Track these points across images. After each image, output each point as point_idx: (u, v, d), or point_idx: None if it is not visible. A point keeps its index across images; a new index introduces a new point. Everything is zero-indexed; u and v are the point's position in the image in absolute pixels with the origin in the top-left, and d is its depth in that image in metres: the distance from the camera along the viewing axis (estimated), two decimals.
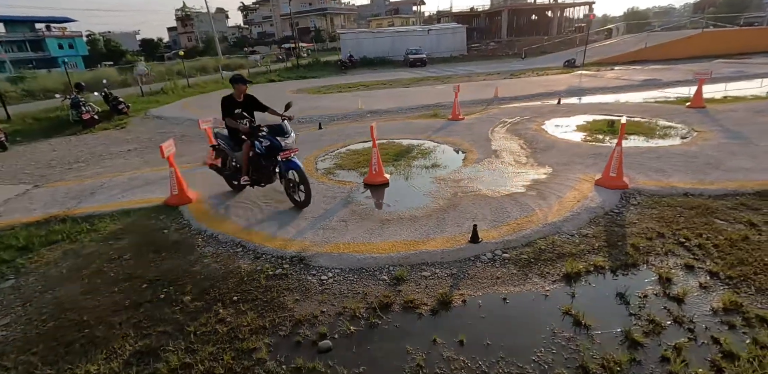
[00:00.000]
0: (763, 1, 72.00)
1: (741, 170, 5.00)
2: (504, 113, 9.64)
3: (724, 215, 4.01)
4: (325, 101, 13.33)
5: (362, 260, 3.50)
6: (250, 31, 76.18)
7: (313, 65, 30.21)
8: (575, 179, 5.02)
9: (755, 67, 15.96)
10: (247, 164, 4.69)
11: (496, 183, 5.06)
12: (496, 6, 41.89)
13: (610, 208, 4.25)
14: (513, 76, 18.61)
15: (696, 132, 6.94)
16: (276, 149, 4.41)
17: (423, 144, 7.17)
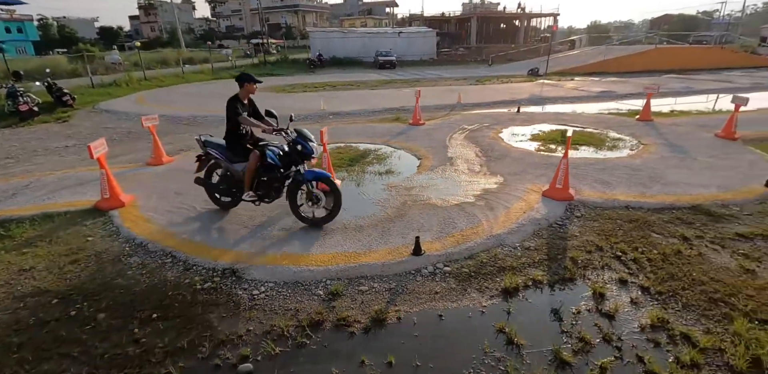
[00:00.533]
0: (711, 22, 77.20)
1: (679, 184, 5.21)
2: (465, 119, 9.71)
3: (660, 228, 4.13)
4: (287, 101, 13.00)
5: (298, 273, 3.33)
6: (218, 25, 73.86)
7: (281, 63, 29.55)
8: (524, 189, 5.06)
9: (701, 83, 16.96)
10: (253, 177, 4.03)
11: (447, 192, 5.02)
12: (466, 12, 42.65)
13: (555, 220, 4.30)
14: (478, 82, 18.91)
15: (642, 145, 7.22)
16: (307, 155, 3.91)
17: (380, 149, 7.07)
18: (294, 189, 4.02)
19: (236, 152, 4.18)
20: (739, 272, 3.36)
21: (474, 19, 38.48)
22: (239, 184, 4.16)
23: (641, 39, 35.42)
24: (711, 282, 3.22)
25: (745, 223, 4.26)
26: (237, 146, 4.16)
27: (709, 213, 4.43)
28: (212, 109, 11.36)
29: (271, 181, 4.04)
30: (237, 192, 4.26)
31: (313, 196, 3.99)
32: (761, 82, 16.64)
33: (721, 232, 4.06)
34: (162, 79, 18.43)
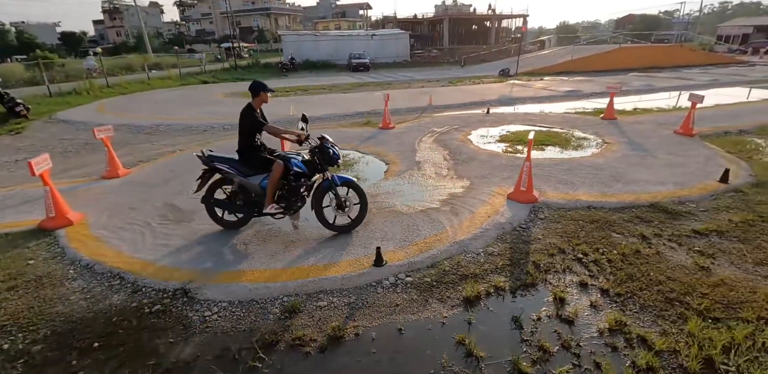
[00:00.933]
0: (672, 21, 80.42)
1: (639, 182, 5.31)
2: (435, 121, 9.72)
3: (620, 228, 4.18)
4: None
5: (254, 290, 3.20)
6: (188, 28, 72.23)
7: (252, 67, 29.12)
8: (490, 192, 5.05)
9: (662, 80, 17.57)
10: (275, 188, 3.86)
11: (413, 198, 4.96)
12: (438, 14, 43.09)
13: (519, 223, 4.29)
14: (451, 83, 19.06)
15: (606, 144, 7.36)
16: (334, 160, 3.88)
17: (348, 155, 6.97)
18: (320, 196, 3.97)
19: (252, 165, 3.96)
20: (694, 270, 3.41)
21: (446, 21, 38.89)
22: (259, 198, 3.94)
23: (607, 39, 36.51)
24: (667, 281, 3.25)
25: (701, 219, 4.36)
26: (253, 158, 3.96)
27: (666, 211, 4.52)
28: (176, 117, 11.04)
29: (297, 190, 3.87)
30: (255, 207, 4.00)
31: (343, 201, 3.99)
32: (718, 79, 17.36)
33: (679, 229, 4.14)
34: (126, 86, 17.82)
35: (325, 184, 3.93)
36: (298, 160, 3.90)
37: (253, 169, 3.97)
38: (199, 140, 8.64)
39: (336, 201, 3.98)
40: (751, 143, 7.38)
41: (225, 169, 3.94)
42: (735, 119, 9.19)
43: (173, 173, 6.20)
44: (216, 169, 3.98)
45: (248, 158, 3.97)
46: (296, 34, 33.84)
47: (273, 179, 3.80)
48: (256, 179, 3.96)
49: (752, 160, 6.37)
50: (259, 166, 3.95)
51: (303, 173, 3.88)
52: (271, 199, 3.85)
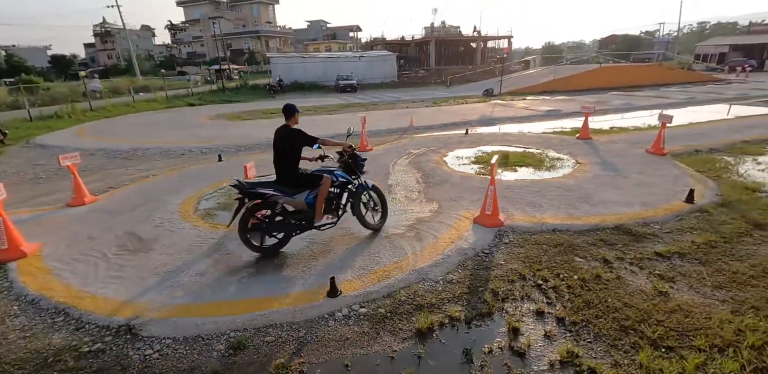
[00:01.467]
0: (652, 41, 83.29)
1: (607, 204, 5.33)
2: (414, 143, 9.80)
3: (583, 252, 4.16)
4: (240, 129, 12.79)
5: (202, 325, 3.10)
6: (179, 51, 73.24)
7: (240, 89, 29.41)
8: (457, 216, 5.03)
9: (641, 99, 18.02)
10: (324, 201, 4.17)
11: (390, 222, 4.92)
12: (426, 36, 44.22)
13: (482, 248, 4.26)
14: (435, 104, 19.35)
15: (578, 164, 7.44)
16: (362, 166, 4.43)
17: None
18: (358, 200, 4.42)
19: (294, 184, 4.14)
20: (652, 295, 3.38)
21: (432, 43, 39.90)
22: (306, 214, 4.16)
23: (588, 59, 37.60)
24: (624, 307, 3.21)
25: (664, 241, 4.36)
26: (296, 177, 4.15)
27: (630, 233, 4.52)
28: (157, 140, 11.01)
29: (337, 199, 4.31)
30: (306, 223, 4.19)
31: (374, 202, 4.59)
32: (694, 97, 17.84)
33: (641, 252, 4.13)
34: (110, 109, 17.87)
35: (360, 189, 4.42)
36: (339, 171, 4.33)
37: (294, 187, 4.12)
38: (175, 164, 8.59)
39: (371, 203, 4.57)
40: (720, 161, 7.51)
41: (270, 192, 3.97)
42: (706, 138, 9.38)
43: (143, 199, 6.12)
44: (259, 194, 3.96)
45: (293, 177, 4.12)
46: (284, 56, 34.44)
47: (323, 193, 4.12)
48: (300, 196, 4.12)
49: (720, 178, 6.46)
50: (301, 184, 4.15)
51: (346, 182, 4.32)
52: (320, 212, 4.17)
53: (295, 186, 4.11)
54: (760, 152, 8.14)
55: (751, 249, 4.16)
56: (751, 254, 4.07)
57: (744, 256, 4.02)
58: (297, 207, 4.12)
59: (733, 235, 4.46)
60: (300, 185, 4.13)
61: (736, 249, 4.16)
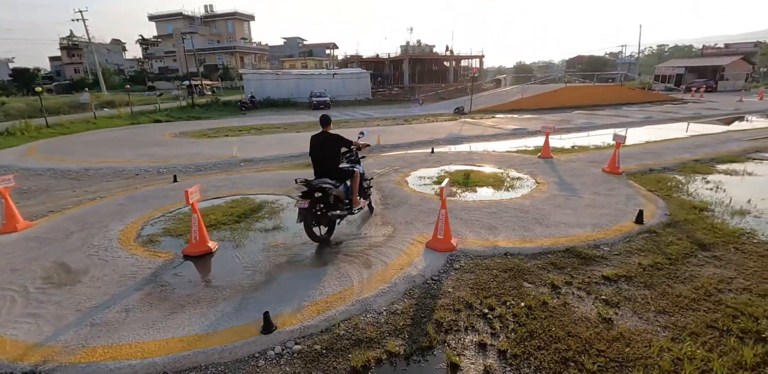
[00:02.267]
0: (616, 62, 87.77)
1: (560, 225, 5.35)
2: (378, 162, 9.74)
3: (533, 276, 4.11)
4: (202, 147, 12.46)
5: (116, 370, 2.83)
6: (150, 66, 72.16)
7: (211, 105, 28.95)
8: (410, 240, 4.93)
9: (603, 118, 18.72)
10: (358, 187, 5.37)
11: (329, 250, 4.76)
12: (401, 54, 45.20)
13: (432, 275, 4.15)
14: (406, 122, 19.53)
15: (537, 184, 7.53)
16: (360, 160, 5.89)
17: (278, 200, 6.76)
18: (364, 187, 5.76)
19: (337, 177, 5.15)
20: (596, 322, 3.33)
21: (406, 61, 40.73)
22: (347, 202, 5.25)
23: (555, 78, 39.12)
24: (567, 337, 3.14)
25: (612, 264, 4.37)
26: (338, 171, 5.23)
27: (580, 256, 4.52)
28: (110, 159, 10.57)
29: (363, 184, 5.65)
30: (346, 209, 5.20)
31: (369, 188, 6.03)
32: (652, 116, 18.69)
33: (590, 276, 4.12)
34: (68, 125, 17.19)
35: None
36: (358, 166, 5.61)
37: (336, 180, 5.08)
38: (127, 185, 8.22)
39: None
40: (672, 180, 7.75)
41: (330, 185, 4.88)
42: (660, 157, 9.72)
43: (81, 225, 5.76)
44: (321, 188, 4.82)
45: (335, 171, 5.18)
46: (257, 72, 34.33)
47: (356, 183, 5.28)
48: (341, 187, 5.10)
49: (670, 198, 6.64)
50: (341, 177, 5.21)
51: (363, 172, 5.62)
52: (356, 196, 5.29)
53: (336, 179, 5.08)
54: (708, 171, 8.47)
55: (694, 271, 4.21)
56: (694, 275, 4.12)
57: (687, 278, 4.06)
58: (340, 196, 5.07)
59: (679, 256, 4.52)
60: (340, 178, 5.16)
61: (680, 271, 4.20)
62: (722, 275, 4.10)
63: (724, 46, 64.14)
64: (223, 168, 9.71)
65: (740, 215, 5.83)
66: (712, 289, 3.84)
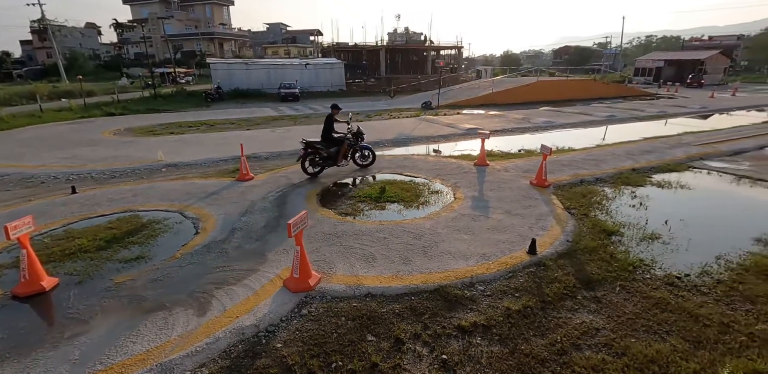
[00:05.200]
0: (603, 52, 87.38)
1: (444, 256, 4.94)
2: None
3: (382, 326, 3.71)
4: (134, 149, 11.76)
5: None
6: (126, 51, 69.68)
7: (174, 96, 27.89)
8: (272, 276, 4.49)
9: (566, 116, 18.31)
10: (344, 153, 8.67)
11: (178, 288, 4.30)
12: (377, 45, 44.05)
13: (269, 325, 3.72)
14: (368, 117, 18.94)
15: (454, 199, 7.11)
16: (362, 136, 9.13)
17: (168, 219, 6.25)
18: (354, 153, 9.02)
19: (330, 143, 8.45)
20: None
21: (383, 51, 39.71)
22: (334, 158, 8.48)
23: (532, 71, 38.54)
24: None
25: (478, 309, 3.98)
26: (331, 139, 8.48)
27: (447, 298, 4.13)
28: (25, 163, 9.88)
29: (348, 151, 8.80)
30: (330, 162, 8.52)
31: (365, 155, 9.19)
32: (615, 115, 18.32)
33: (444, 325, 3.73)
34: (8, 119, 16.27)
35: (358, 148, 9.03)
36: (350, 139, 8.76)
37: (330, 144, 8.43)
38: (22, 196, 7.61)
39: (360, 155, 9.14)
40: (599, 193, 7.40)
41: (319, 146, 8.27)
42: (600, 165, 9.36)
43: None
44: (313, 145, 8.21)
45: (329, 140, 8.44)
46: (225, 61, 33.14)
47: (343, 149, 8.58)
48: (332, 150, 8.41)
49: (586, 218, 6.29)
50: (333, 143, 8.48)
51: (352, 144, 8.80)
52: (341, 158, 8.60)
53: (330, 144, 8.43)
54: (641, 182, 8.14)
55: (563, 318, 3.85)
56: (560, 325, 3.75)
57: (551, 328, 3.70)
58: (329, 155, 8.38)
59: (555, 298, 4.15)
60: (332, 144, 8.47)
61: (548, 319, 3.84)
62: (590, 325, 3.74)
63: (708, 38, 63.97)
64: (140, 175, 9.11)
65: (649, 241, 5.51)
66: (569, 345, 3.48)
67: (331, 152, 8.34)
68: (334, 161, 8.47)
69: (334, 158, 8.45)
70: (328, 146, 8.35)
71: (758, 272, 4.66)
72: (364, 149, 9.07)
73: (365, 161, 9.17)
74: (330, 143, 8.42)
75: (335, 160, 8.47)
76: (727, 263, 4.90)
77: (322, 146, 8.27)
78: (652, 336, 3.59)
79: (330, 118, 8.46)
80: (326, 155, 8.31)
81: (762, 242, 5.48)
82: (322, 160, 8.36)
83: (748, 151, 11.01)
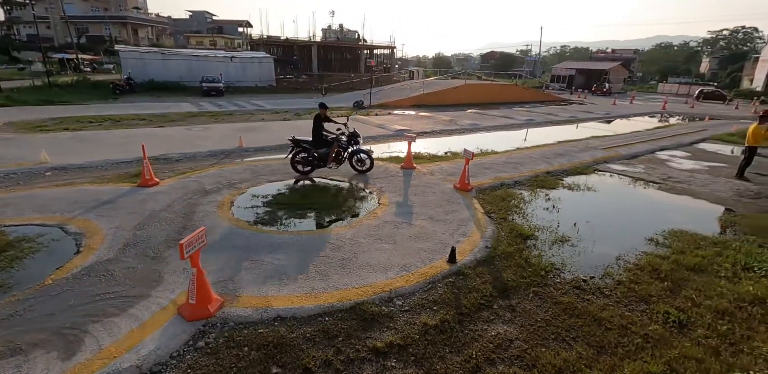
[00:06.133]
0: (525, 59, 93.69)
1: (363, 269, 4.71)
2: (221, 173, 8.49)
3: (290, 355, 3.36)
4: (12, 147, 10.07)
5: None
6: (17, 32, 60.64)
7: (76, 85, 24.70)
8: (165, 302, 3.92)
9: (491, 119, 19.16)
10: (333, 155, 8.17)
11: (46, 321, 3.57)
12: (309, 40, 42.90)
13: (155, 363, 3.20)
14: (296, 116, 18.24)
15: (378, 205, 6.93)
16: (358, 140, 8.51)
17: (42, 236, 5.29)
18: (351, 157, 8.54)
19: (319, 144, 8.11)
20: None
21: (315, 47, 38.75)
22: (324, 159, 8.11)
23: (460, 73, 40.07)
24: None
25: (395, 326, 3.80)
26: (320, 140, 8.11)
27: (364, 316, 3.89)
28: None
29: (340, 154, 8.31)
30: (321, 163, 8.18)
31: (361, 159, 8.55)
32: (533, 119, 19.57)
33: (359, 348, 3.48)
34: None
35: (355, 151, 8.50)
36: (342, 140, 8.25)
37: (319, 145, 8.10)
38: None
39: (358, 159, 8.57)
40: (517, 197, 7.67)
41: (305, 145, 8.09)
42: (517, 168, 9.78)
43: None
44: (300, 145, 8.08)
45: (318, 140, 8.08)
46: (137, 49, 30.05)
47: (333, 150, 8.08)
48: (323, 150, 8.09)
49: (505, 222, 6.44)
50: (323, 144, 8.11)
51: (344, 147, 8.31)
52: (331, 160, 8.14)
53: (319, 144, 8.08)
54: (554, 185, 8.62)
55: (480, 331, 3.80)
56: (475, 338, 3.69)
57: (467, 343, 3.62)
58: (319, 155, 8.07)
59: (473, 309, 4.11)
60: (322, 144, 8.09)
61: (465, 332, 3.76)
62: (504, 336, 3.73)
63: (611, 51, 71.48)
64: (15, 180, 7.74)
65: (560, 244, 5.75)
66: (483, 360, 3.42)
67: (321, 153, 8.02)
68: (324, 162, 8.10)
69: (324, 159, 8.07)
70: (317, 146, 8.03)
71: (651, 272, 5.04)
72: (360, 153, 8.42)
73: (363, 167, 8.53)
74: (319, 143, 8.04)
75: (324, 161, 8.09)
76: (626, 263, 5.26)
77: (310, 145, 8.01)
78: (561, 344, 3.66)
79: (318, 117, 8.04)
80: (316, 155, 8.05)
81: (653, 241, 6.00)
82: (314, 160, 8.11)
83: (642, 155, 12.26)
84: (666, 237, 6.15)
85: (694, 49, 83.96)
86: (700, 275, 5.04)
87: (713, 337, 3.83)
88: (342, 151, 8.28)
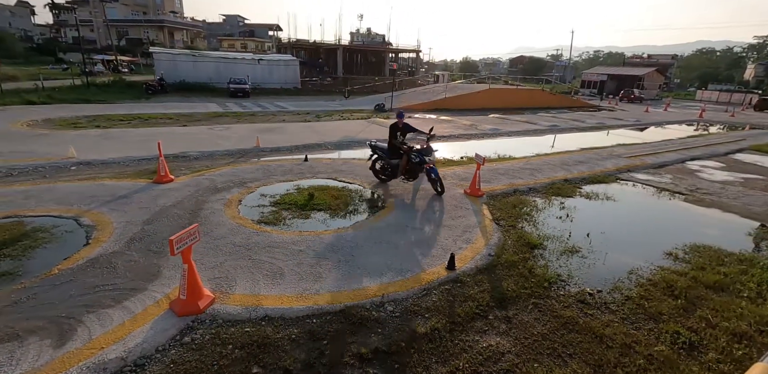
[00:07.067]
0: (556, 64, 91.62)
1: (358, 272, 4.65)
2: (234, 172, 8.64)
3: (273, 355, 3.34)
4: (44, 143, 10.58)
5: None
6: (64, 34, 64.22)
7: (111, 86, 25.87)
8: (159, 296, 3.98)
9: (513, 124, 18.78)
10: (404, 167, 7.64)
11: (46, 309, 3.69)
12: (335, 43, 43.47)
13: (140, 356, 3.23)
14: (318, 118, 18.43)
15: (384, 207, 6.86)
16: (429, 155, 7.40)
17: (57, 228, 5.51)
18: (429, 174, 7.42)
19: (393, 154, 7.76)
20: None
21: (340, 51, 39.20)
22: (396, 170, 7.77)
23: (486, 78, 39.57)
24: None
25: (384, 332, 3.72)
26: (394, 150, 7.74)
27: (352, 319, 3.83)
28: None
29: (414, 169, 7.61)
30: (393, 174, 7.87)
31: (432, 178, 7.43)
32: (557, 125, 19.04)
33: (342, 353, 3.42)
34: None
35: (428, 170, 7.42)
36: (415, 155, 7.35)
37: (394, 154, 7.76)
38: None
39: (430, 179, 7.49)
40: (530, 204, 7.44)
41: (380, 153, 7.98)
42: (534, 175, 9.50)
43: None
44: (376, 152, 8.03)
45: (392, 150, 7.78)
46: (170, 51, 31.23)
47: (403, 162, 7.58)
48: (396, 161, 7.72)
49: (513, 229, 6.24)
50: (396, 154, 7.71)
51: (416, 162, 7.40)
52: (401, 172, 7.72)
53: (393, 153, 7.76)
54: (571, 193, 8.31)
55: (471, 341, 3.66)
56: (465, 349, 3.56)
57: (456, 353, 3.49)
58: (391, 165, 7.82)
59: (466, 318, 3.97)
60: (395, 154, 7.73)
61: (454, 342, 3.63)
62: (496, 349, 3.58)
63: (647, 56, 68.93)
64: (42, 173, 8.12)
65: (569, 255, 5.51)
66: (470, 372, 3.29)
67: (392, 164, 7.73)
68: (395, 174, 7.81)
69: (396, 170, 7.76)
70: (390, 156, 7.76)
71: (665, 288, 4.75)
72: (432, 173, 7.37)
73: (438, 188, 7.52)
74: (393, 153, 7.73)
75: (396, 173, 7.79)
76: (638, 278, 4.98)
77: (384, 154, 7.86)
78: (555, 360, 3.48)
79: (393, 126, 7.71)
80: (390, 165, 7.83)
81: (672, 256, 5.66)
82: (390, 169, 7.88)
83: (670, 164, 11.69)
84: (687, 252, 5.80)
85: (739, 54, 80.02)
86: (720, 294, 4.71)
87: (726, 362, 3.56)
88: (415, 165, 7.50)
